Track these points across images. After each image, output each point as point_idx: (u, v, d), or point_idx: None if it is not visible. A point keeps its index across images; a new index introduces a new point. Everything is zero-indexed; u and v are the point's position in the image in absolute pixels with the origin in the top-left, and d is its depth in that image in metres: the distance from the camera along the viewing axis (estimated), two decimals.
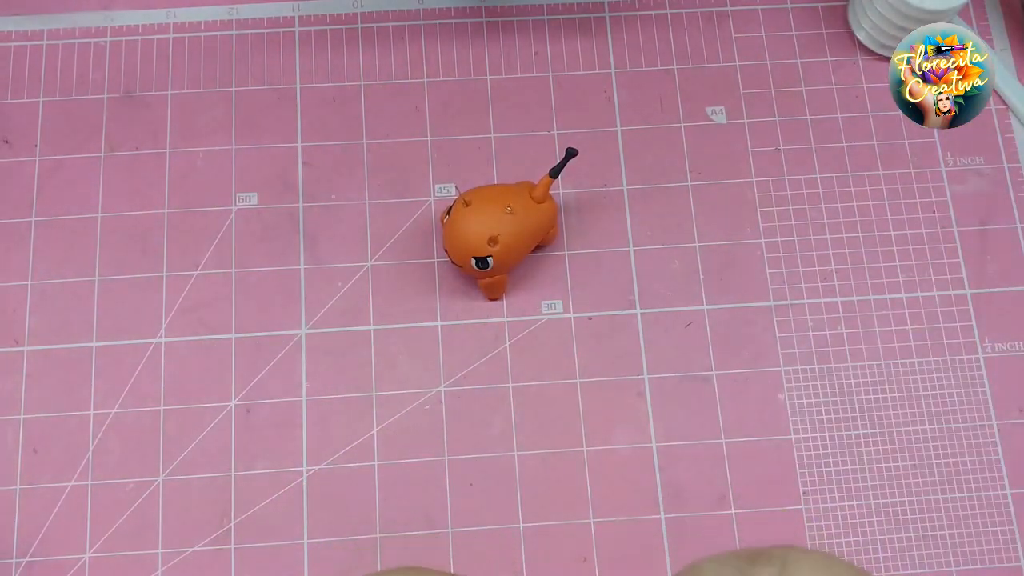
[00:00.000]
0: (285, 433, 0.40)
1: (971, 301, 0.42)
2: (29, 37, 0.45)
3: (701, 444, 0.40)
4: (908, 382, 0.41)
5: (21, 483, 0.39)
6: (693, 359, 0.41)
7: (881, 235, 0.43)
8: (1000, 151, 0.45)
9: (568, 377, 0.41)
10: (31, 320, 0.41)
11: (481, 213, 0.38)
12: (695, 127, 0.45)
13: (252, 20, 0.46)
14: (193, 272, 0.42)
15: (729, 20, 0.47)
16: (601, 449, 0.40)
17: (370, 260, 0.42)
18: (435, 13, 0.46)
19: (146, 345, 0.41)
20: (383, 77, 0.45)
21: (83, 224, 0.42)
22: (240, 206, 0.43)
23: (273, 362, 0.41)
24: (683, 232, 0.43)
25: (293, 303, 0.42)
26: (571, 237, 0.43)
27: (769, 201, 0.44)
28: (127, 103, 0.45)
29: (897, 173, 0.44)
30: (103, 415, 0.40)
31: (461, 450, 0.40)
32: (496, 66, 0.46)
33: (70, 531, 0.39)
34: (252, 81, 0.45)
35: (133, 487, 0.39)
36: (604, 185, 0.44)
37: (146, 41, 0.45)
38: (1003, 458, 0.40)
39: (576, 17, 0.46)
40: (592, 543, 0.39)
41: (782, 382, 0.41)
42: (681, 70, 0.46)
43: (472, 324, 0.42)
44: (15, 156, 0.43)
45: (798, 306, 0.42)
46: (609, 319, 0.42)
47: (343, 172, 0.44)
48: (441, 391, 0.41)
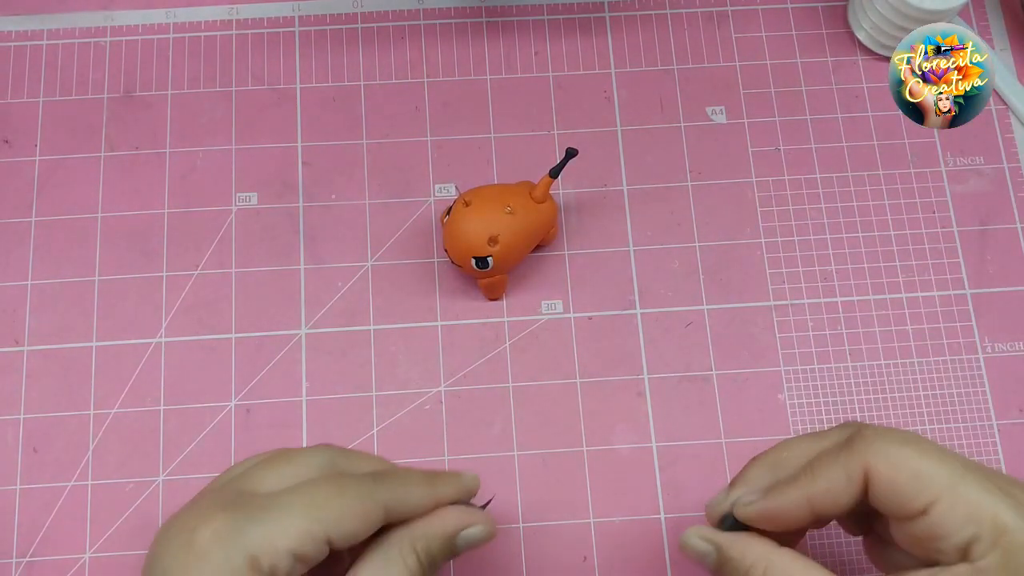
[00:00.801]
0: (285, 433, 0.40)
1: (971, 301, 0.42)
2: (29, 37, 0.45)
3: (701, 444, 0.40)
4: (908, 382, 0.41)
5: (21, 483, 0.39)
6: (693, 359, 0.41)
7: (881, 235, 0.43)
8: (1000, 151, 0.45)
9: (568, 377, 0.41)
10: (31, 320, 0.41)
11: (481, 213, 0.38)
12: (695, 127, 0.45)
13: (252, 20, 0.46)
14: (193, 272, 0.42)
15: (729, 20, 0.47)
16: (601, 449, 0.40)
17: (370, 260, 0.42)
18: (435, 13, 0.46)
19: (146, 345, 0.41)
20: (383, 77, 0.45)
21: (83, 224, 0.42)
22: (240, 206, 0.43)
23: (273, 362, 0.41)
24: (683, 232, 0.43)
25: (293, 303, 0.42)
26: (571, 237, 0.43)
27: (769, 201, 0.44)
28: (127, 103, 0.45)
29: (897, 173, 0.44)
30: (103, 415, 0.40)
31: (461, 450, 0.40)
32: (496, 66, 0.46)
33: (70, 531, 0.39)
34: (252, 81, 0.45)
35: (133, 487, 0.39)
36: (604, 185, 0.44)
37: (146, 41, 0.45)
38: (1003, 458, 0.40)
39: (576, 17, 0.46)
40: (592, 543, 0.39)
41: (782, 382, 0.41)
42: (681, 70, 0.46)
43: (472, 324, 0.42)
44: (15, 156, 0.43)
45: (798, 306, 0.42)
46: (609, 319, 0.42)
47: (343, 172, 0.44)
48: (441, 391, 0.41)
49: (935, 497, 0.28)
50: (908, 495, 0.28)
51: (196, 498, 0.32)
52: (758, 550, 0.30)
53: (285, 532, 0.28)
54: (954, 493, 0.28)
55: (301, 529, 0.28)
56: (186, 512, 0.30)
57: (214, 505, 0.29)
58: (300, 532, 0.28)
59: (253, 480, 0.30)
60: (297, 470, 0.31)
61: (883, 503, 0.29)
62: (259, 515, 0.28)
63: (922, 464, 0.28)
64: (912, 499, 0.28)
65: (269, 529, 0.28)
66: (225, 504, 0.29)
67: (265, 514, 0.28)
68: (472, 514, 0.33)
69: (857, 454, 0.29)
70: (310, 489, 0.29)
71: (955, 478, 0.28)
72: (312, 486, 0.30)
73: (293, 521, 0.28)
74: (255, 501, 0.29)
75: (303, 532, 0.28)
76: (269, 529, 0.28)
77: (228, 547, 0.27)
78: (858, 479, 0.29)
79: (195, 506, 0.30)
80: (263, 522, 0.28)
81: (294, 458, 0.31)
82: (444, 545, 0.32)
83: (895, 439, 0.29)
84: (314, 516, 0.28)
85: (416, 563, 0.30)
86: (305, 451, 0.32)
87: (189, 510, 0.30)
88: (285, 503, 0.29)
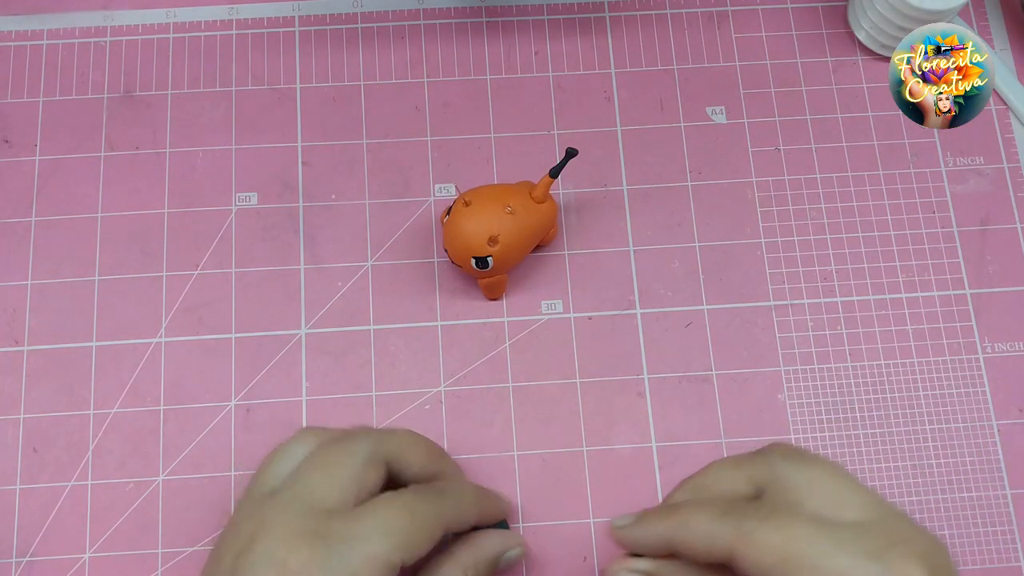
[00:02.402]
0: (285, 433, 0.40)
1: (971, 301, 0.42)
2: (29, 37, 0.45)
3: (701, 444, 0.40)
4: (908, 382, 0.41)
5: (21, 483, 0.39)
6: (693, 359, 0.41)
7: (881, 235, 0.43)
8: (1000, 151, 0.45)
9: (568, 377, 0.41)
10: (31, 320, 0.41)
11: (481, 213, 0.38)
12: (695, 127, 0.45)
13: (252, 20, 0.46)
14: (193, 272, 0.42)
15: (729, 20, 0.47)
16: (601, 449, 0.40)
17: (370, 260, 0.42)
18: (435, 13, 0.46)
19: (146, 345, 0.41)
20: (383, 77, 0.45)
21: (83, 224, 0.42)
22: (240, 206, 0.43)
23: (273, 362, 0.41)
24: (683, 232, 0.43)
25: (293, 303, 0.42)
26: (571, 237, 0.43)
27: (769, 201, 0.44)
28: (127, 103, 0.45)
29: (897, 173, 0.44)
30: (103, 415, 0.40)
31: (461, 450, 0.40)
32: (496, 66, 0.46)
33: (70, 531, 0.39)
34: (252, 81, 0.45)
35: (133, 487, 0.39)
36: (604, 185, 0.44)
37: (146, 41, 0.45)
38: (1003, 458, 0.40)
39: (576, 17, 0.46)
40: (592, 543, 0.39)
41: (782, 382, 0.41)
42: (681, 70, 0.46)
43: (472, 324, 0.42)
44: (15, 156, 0.43)
45: (798, 306, 0.42)
46: (609, 319, 0.42)
47: (343, 172, 0.44)
48: (441, 391, 0.41)
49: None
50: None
51: (260, 513, 0.31)
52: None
53: (366, 563, 0.29)
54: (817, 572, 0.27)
55: (380, 559, 0.29)
56: (268, 539, 0.30)
57: (296, 534, 0.30)
58: (380, 562, 0.29)
59: (315, 493, 0.31)
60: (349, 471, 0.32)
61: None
62: (342, 548, 0.29)
63: (791, 548, 0.28)
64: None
65: (353, 562, 0.29)
66: (307, 534, 0.30)
67: (348, 547, 0.29)
68: (511, 537, 0.36)
69: (728, 530, 0.29)
70: (384, 513, 0.31)
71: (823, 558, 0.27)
72: (385, 510, 0.31)
73: (373, 551, 0.29)
74: (335, 529, 0.30)
75: (382, 562, 0.29)
76: (353, 562, 0.29)
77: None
78: (720, 554, 0.29)
79: (272, 530, 0.30)
80: (347, 555, 0.29)
81: (343, 459, 0.32)
82: (490, 566, 0.35)
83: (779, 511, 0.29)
84: (391, 544, 0.30)
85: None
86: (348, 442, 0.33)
87: (271, 536, 0.30)
88: (364, 533, 0.30)
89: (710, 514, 0.30)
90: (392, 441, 0.34)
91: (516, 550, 0.36)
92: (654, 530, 0.32)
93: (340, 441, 0.33)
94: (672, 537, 0.31)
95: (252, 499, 0.33)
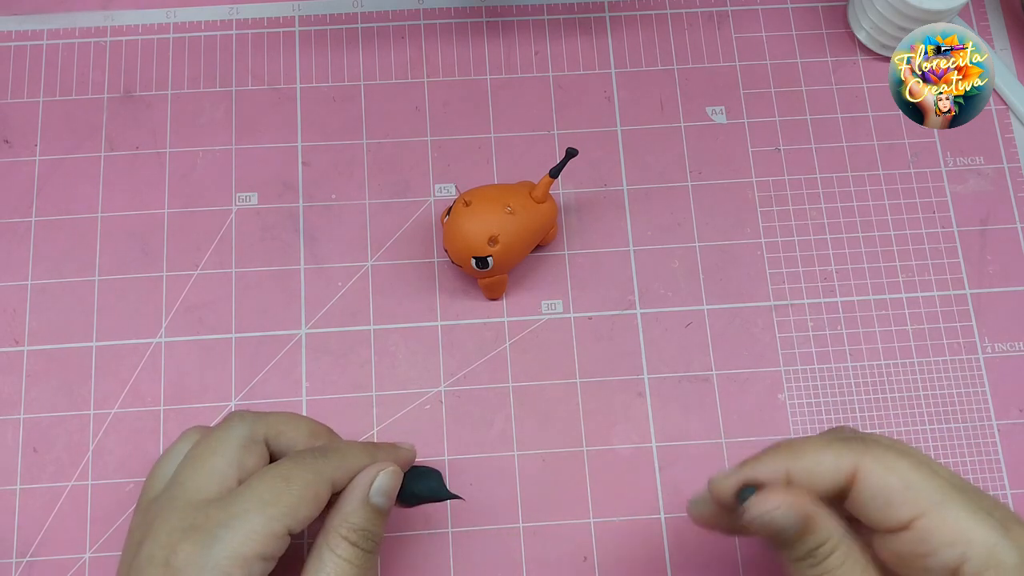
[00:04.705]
0: None
1: (971, 301, 0.42)
2: (29, 37, 0.45)
3: (701, 444, 0.40)
4: (908, 382, 0.41)
5: (21, 483, 0.39)
6: (693, 359, 0.41)
7: (881, 235, 0.43)
8: (1000, 151, 0.45)
9: (568, 377, 0.41)
10: (31, 320, 0.41)
11: (481, 213, 0.38)
12: (695, 127, 0.45)
13: (252, 20, 0.46)
14: (193, 272, 0.42)
15: (729, 20, 0.47)
16: (601, 449, 0.40)
17: (370, 260, 0.42)
18: (435, 13, 0.46)
19: (146, 345, 0.41)
20: (383, 77, 0.45)
21: (83, 224, 0.42)
22: (240, 206, 0.43)
23: (273, 362, 0.41)
24: (683, 232, 0.43)
25: (293, 303, 0.42)
26: (571, 237, 0.43)
27: (769, 201, 0.44)
28: (127, 103, 0.45)
29: (897, 173, 0.44)
30: (103, 415, 0.40)
31: (461, 450, 0.40)
32: (496, 66, 0.46)
33: (70, 531, 0.39)
34: (252, 81, 0.45)
35: (133, 487, 0.39)
36: (604, 185, 0.44)
37: (146, 41, 0.45)
38: (1003, 458, 0.40)
39: (576, 17, 0.46)
40: (592, 543, 0.39)
41: (782, 382, 0.41)
42: (681, 70, 0.46)
43: (472, 324, 0.42)
44: (15, 156, 0.43)
45: (798, 306, 0.42)
46: (609, 319, 0.42)
47: (343, 172, 0.44)
48: (441, 391, 0.41)
49: (921, 511, 0.28)
50: (895, 504, 0.28)
51: (145, 520, 0.32)
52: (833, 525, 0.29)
53: (248, 540, 0.29)
54: (942, 509, 0.27)
55: (261, 532, 0.29)
56: (150, 543, 0.30)
57: (175, 531, 0.30)
58: (262, 536, 0.29)
59: (191, 486, 0.31)
60: (226, 458, 0.32)
61: (867, 508, 0.29)
62: (221, 532, 0.29)
63: (914, 476, 0.28)
64: (898, 509, 0.28)
65: (233, 544, 0.29)
66: (185, 528, 0.30)
67: (226, 530, 0.29)
68: (377, 465, 0.33)
69: (852, 451, 0.29)
70: (258, 487, 0.30)
71: (944, 495, 0.28)
72: (259, 483, 0.31)
73: (252, 527, 0.29)
74: (211, 516, 0.30)
75: (264, 535, 0.29)
76: (233, 544, 0.29)
77: (202, 573, 0.29)
78: (845, 471, 0.29)
79: (153, 534, 0.30)
80: (225, 539, 0.29)
81: (216, 447, 0.32)
82: (366, 514, 0.32)
83: (893, 447, 0.29)
84: (269, 515, 0.30)
85: (349, 548, 0.31)
86: (221, 429, 0.33)
87: (152, 540, 0.30)
88: (240, 512, 0.30)
89: (826, 441, 0.30)
90: (269, 421, 0.34)
91: (381, 476, 0.32)
92: (769, 465, 0.30)
93: (214, 430, 0.33)
94: (792, 466, 0.29)
95: (140, 508, 0.33)
